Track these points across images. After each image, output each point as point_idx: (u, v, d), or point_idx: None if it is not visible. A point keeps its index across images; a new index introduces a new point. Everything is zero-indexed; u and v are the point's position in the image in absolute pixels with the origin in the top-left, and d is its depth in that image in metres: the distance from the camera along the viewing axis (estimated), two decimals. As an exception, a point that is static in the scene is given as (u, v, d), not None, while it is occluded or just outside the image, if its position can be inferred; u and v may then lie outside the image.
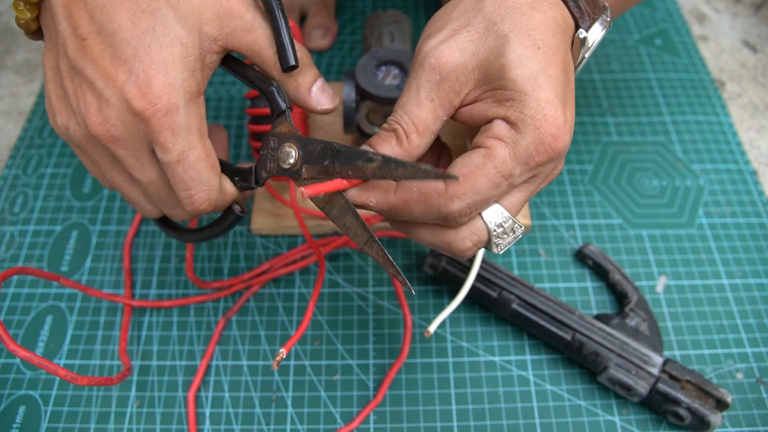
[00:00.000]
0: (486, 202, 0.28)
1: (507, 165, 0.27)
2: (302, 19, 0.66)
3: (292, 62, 0.30)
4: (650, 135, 0.58)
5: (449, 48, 0.28)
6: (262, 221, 0.50)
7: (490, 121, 0.28)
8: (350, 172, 0.27)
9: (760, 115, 0.61)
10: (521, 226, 0.30)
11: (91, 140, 0.29)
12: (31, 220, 0.52)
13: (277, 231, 0.50)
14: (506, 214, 0.29)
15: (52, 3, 0.29)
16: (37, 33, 0.31)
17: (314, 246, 0.43)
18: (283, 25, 0.30)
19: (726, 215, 0.53)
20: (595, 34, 0.31)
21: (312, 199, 0.29)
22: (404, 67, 0.46)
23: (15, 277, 0.48)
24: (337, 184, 0.28)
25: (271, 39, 0.30)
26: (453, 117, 0.30)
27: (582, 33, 0.30)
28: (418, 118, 0.29)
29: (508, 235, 0.29)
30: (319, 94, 0.32)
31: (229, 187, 0.32)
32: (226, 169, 0.32)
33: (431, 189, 0.27)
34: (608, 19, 0.32)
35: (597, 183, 0.54)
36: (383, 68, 0.47)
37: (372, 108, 0.47)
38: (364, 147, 0.29)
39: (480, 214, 0.29)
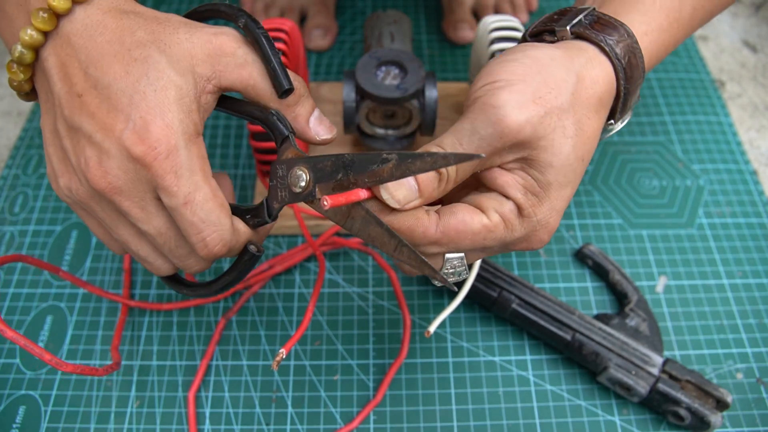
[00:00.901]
0: (459, 261, 0.31)
1: (494, 242, 0.29)
2: (302, 20, 0.66)
3: (287, 85, 0.29)
4: (650, 135, 0.58)
5: (526, 122, 0.28)
6: (262, 221, 0.50)
7: (504, 193, 0.30)
8: (366, 180, 0.27)
9: (760, 115, 0.61)
10: (468, 273, 0.32)
11: (94, 196, 0.29)
12: (31, 220, 0.52)
13: (277, 231, 0.50)
14: (464, 261, 0.31)
15: (45, 64, 0.28)
16: (30, 94, 0.31)
17: (314, 246, 0.43)
18: (271, 51, 0.29)
19: (726, 215, 0.53)
20: (620, 124, 0.33)
21: (331, 216, 0.28)
22: (404, 67, 0.46)
23: (15, 278, 0.48)
24: (356, 194, 0.27)
25: (264, 71, 0.30)
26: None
27: (611, 123, 0.33)
28: (463, 170, 0.29)
29: (454, 276, 0.31)
30: (316, 124, 0.32)
31: (242, 227, 0.31)
32: (236, 210, 0.31)
33: (420, 229, 0.28)
34: (631, 109, 0.34)
35: (597, 183, 0.54)
36: (383, 68, 0.47)
37: (372, 108, 0.47)
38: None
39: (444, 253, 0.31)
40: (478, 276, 0.45)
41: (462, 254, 0.30)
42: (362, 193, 0.27)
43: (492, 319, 0.47)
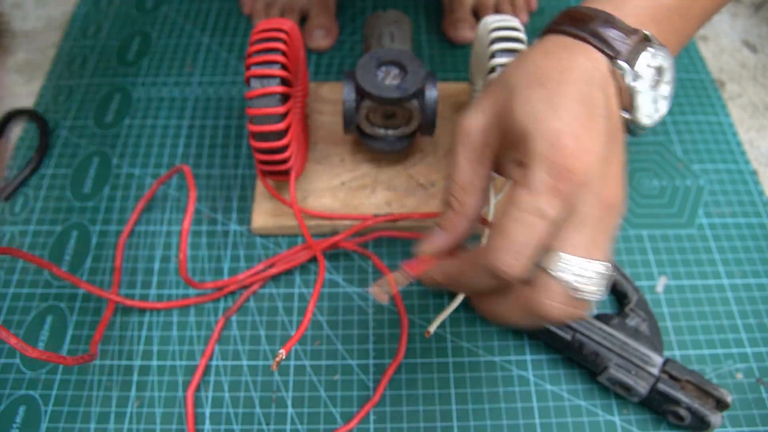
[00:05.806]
0: (529, 247, 0.26)
1: (527, 202, 0.26)
2: (303, 20, 0.66)
3: None
4: (650, 135, 0.58)
5: (474, 112, 0.31)
6: (262, 221, 0.50)
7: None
8: None
9: (760, 115, 0.61)
10: (605, 266, 0.27)
11: None
12: (31, 220, 0.52)
13: (277, 231, 0.50)
14: (569, 258, 0.26)
15: None
16: None
17: (314, 246, 0.43)
18: None
19: (726, 215, 0.53)
20: (644, 61, 0.30)
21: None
22: (404, 67, 0.46)
23: (15, 277, 0.48)
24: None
25: None
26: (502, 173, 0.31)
27: (621, 63, 0.29)
28: (461, 179, 0.31)
29: (592, 278, 0.27)
30: None
31: None
32: None
33: (476, 249, 0.28)
34: (657, 44, 0.31)
35: (597, 183, 0.54)
36: (383, 68, 0.47)
37: (372, 108, 0.47)
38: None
39: (543, 268, 0.27)
40: (478, 276, 0.45)
41: (560, 254, 0.26)
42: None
43: (492, 319, 0.47)
